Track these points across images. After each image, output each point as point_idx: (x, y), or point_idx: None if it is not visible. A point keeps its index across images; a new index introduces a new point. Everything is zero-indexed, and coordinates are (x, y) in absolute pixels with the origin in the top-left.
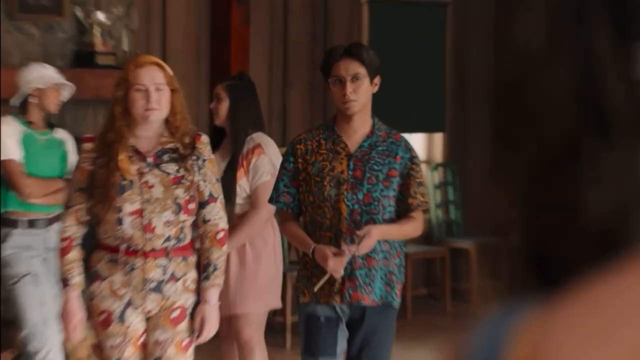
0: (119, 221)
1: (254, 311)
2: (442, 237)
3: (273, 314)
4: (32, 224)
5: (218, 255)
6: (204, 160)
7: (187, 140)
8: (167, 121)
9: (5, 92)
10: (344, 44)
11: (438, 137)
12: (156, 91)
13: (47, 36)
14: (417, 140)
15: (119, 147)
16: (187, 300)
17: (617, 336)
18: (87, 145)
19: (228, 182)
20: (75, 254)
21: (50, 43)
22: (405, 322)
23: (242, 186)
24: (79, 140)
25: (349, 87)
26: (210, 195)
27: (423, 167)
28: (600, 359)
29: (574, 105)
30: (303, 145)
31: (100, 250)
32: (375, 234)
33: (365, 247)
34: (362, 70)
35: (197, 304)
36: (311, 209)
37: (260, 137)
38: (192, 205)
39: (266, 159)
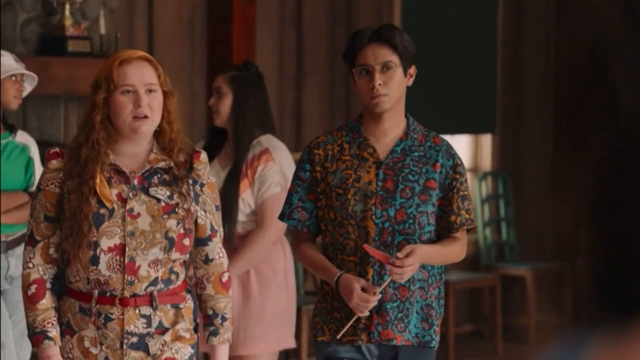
0: (94, 260)
1: (261, 352)
2: (492, 262)
3: (285, 355)
4: None
5: (225, 303)
6: (203, 185)
7: (182, 158)
8: (156, 133)
9: None
10: (371, 26)
11: (487, 140)
12: (147, 94)
13: (4, 16)
14: (460, 144)
15: (96, 166)
16: (179, 351)
17: None
18: (54, 163)
19: (229, 195)
20: (48, 301)
21: (8, 25)
22: None
23: (246, 200)
24: (46, 145)
25: (378, 79)
26: (212, 228)
27: (469, 176)
28: None
29: None
30: (322, 150)
31: (68, 296)
32: (419, 255)
33: (409, 270)
34: (394, 58)
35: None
36: (332, 228)
37: (268, 140)
38: (188, 241)
39: (275, 167)
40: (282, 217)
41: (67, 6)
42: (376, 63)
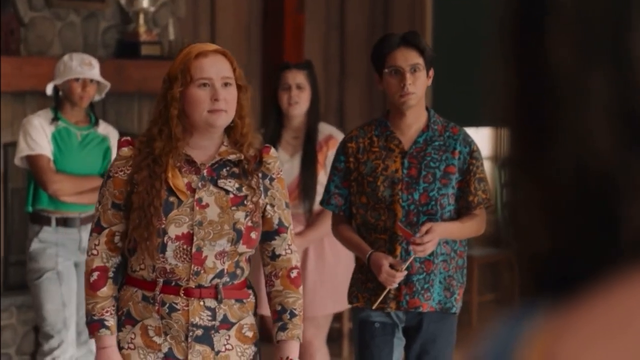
0: (162, 247)
1: (333, 311)
2: (510, 239)
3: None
4: (63, 222)
5: (295, 299)
6: (272, 180)
7: (252, 152)
8: (228, 127)
9: (45, 84)
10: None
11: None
12: (223, 87)
13: (88, 25)
14: (483, 135)
15: (169, 159)
16: (245, 353)
17: (633, 340)
18: (125, 151)
19: (308, 181)
20: (109, 289)
21: (91, 32)
22: (471, 330)
23: (320, 182)
24: (123, 136)
25: (409, 79)
26: (280, 223)
27: (489, 164)
28: None
29: (612, 122)
30: (354, 144)
31: (129, 286)
32: (438, 232)
33: (429, 246)
34: (420, 61)
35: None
36: (363, 211)
37: (326, 127)
38: (255, 235)
39: None
40: (322, 202)
41: (141, 15)
42: (406, 65)
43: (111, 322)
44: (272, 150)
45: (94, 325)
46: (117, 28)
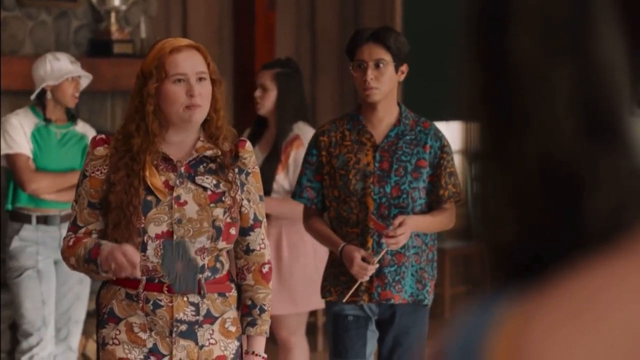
0: (142, 247)
1: (288, 312)
2: (479, 230)
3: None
4: (43, 220)
5: (265, 295)
6: (248, 174)
7: (227, 146)
8: (203, 121)
9: (18, 83)
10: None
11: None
12: (198, 82)
13: (59, 24)
14: (453, 130)
15: (147, 156)
16: (228, 347)
17: (599, 328)
18: (100, 150)
19: (265, 177)
20: (90, 239)
21: (63, 31)
22: (443, 322)
23: (280, 182)
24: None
25: (370, 74)
26: (255, 218)
27: (460, 158)
28: (581, 350)
29: (574, 114)
30: (327, 137)
31: (112, 284)
32: (410, 225)
33: (402, 238)
34: (386, 57)
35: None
36: (336, 204)
37: (300, 127)
38: (234, 230)
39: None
40: (294, 196)
41: (113, 14)
42: (370, 59)
43: (105, 241)
44: (248, 144)
45: (93, 251)
46: (89, 27)
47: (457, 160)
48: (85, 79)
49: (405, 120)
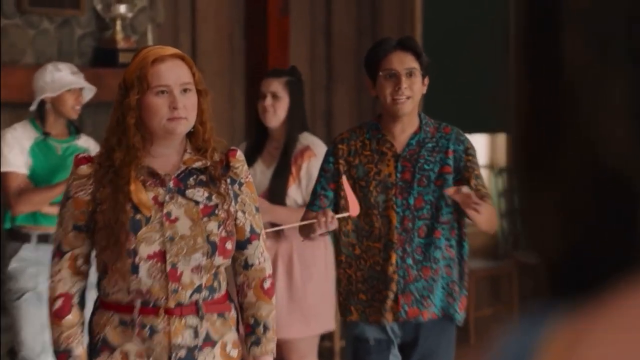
0: (134, 268)
1: (300, 336)
2: (509, 250)
3: (321, 338)
4: (43, 238)
5: (268, 312)
6: (241, 184)
7: (217, 157)
8: (189, 133)
9: (18, 94)
10: (394, 37)
11: (501, 138)
12: (182, 94)
13: (62, 32)
14: (478, 143)
15: (131, 171)
16: None
17: None
18: (83, 169)
19: (277, 192)
20: (74, 317)
21: (66, 40)
22: (468, 347)
23: (291, 196)
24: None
25: (405, 82)
26: (252, 230)
27: (486, 172)
28: None
29: (629, 123)
30: (345, 146)
31: (105, 310)
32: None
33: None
34: (417, 66)
35: None
36: (356, 217)
37: (307, 137)
38: (230, 245)
39: (318, 162)
40: (308, 205)
41: (118, 22)
42: (402, 68)
43: (79, 350)
44: (239, 153)
45: (60, 356)
46: (93, 35)
47: (483, 174)
48: (89, 91)
49: (426, 128)
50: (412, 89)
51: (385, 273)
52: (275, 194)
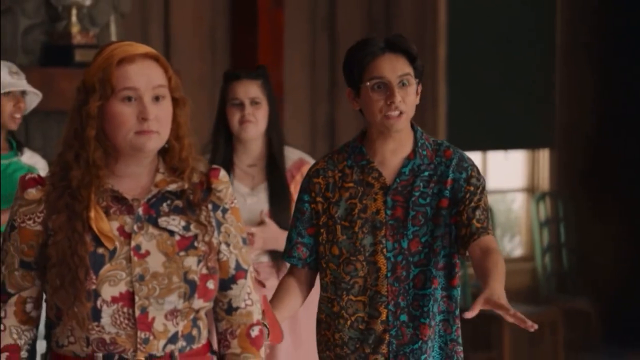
0: (95, 314)
1: None
2: (552, 294)
3: None
4: None
5: None
6: (226, 211)
7: (196, 179)
8: (163, 150)
9: None
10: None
11: (544, 156)
12: (154, 102)
13: (3, 22)
14: (515, 160)
15: (90, 193)
16: None
17: None
18: (31, 193)
19: (282, 218)
20: None
21: (8, 33)
22: None
23: None
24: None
25: (398, 94)
26: (238, 266)
27: (524, 197)
28: None
29: None
30: (322, 179)
31: None
32: (500, 292)
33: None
34: (411, 71)
35: None
36: (335, 266)
37: (292, 151)
38: (212, 284)
39: None
40: (283, 255)
41: (74, 11)
42: (394, 76)
43: None
44: (222, 173)
45: None
46: (42, 28)
47: (521, 201)
48: (34, 96)
49: (422, 151)
50: (406, 101)
51: (372, 333)
52: (279, 221)
